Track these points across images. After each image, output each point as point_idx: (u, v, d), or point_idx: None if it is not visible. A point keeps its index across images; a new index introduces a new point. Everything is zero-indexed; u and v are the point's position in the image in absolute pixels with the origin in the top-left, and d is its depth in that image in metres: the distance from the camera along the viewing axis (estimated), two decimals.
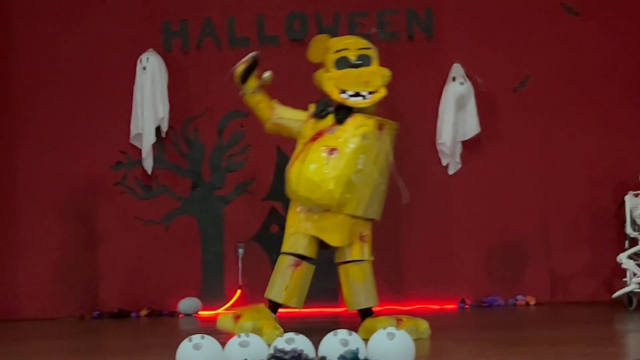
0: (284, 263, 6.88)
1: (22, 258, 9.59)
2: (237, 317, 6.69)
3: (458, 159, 9.43)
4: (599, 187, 9.41)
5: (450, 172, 9.45)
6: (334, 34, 9.42)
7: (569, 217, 9.44)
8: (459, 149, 9.43)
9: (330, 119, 6.87)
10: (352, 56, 7.02)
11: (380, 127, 6.85)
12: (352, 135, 6.73)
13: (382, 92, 6.94)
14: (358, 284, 6.88)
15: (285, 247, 6.93)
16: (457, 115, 9.32)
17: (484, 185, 9.50)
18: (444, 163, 9.44)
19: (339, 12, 9.65)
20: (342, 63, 6.99)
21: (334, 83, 6.90)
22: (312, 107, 7.02)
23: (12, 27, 9.74)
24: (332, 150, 6.68)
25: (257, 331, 6.38)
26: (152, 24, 9.70)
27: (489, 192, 9.49)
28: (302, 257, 6.87)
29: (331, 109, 6.89)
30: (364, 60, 7.04)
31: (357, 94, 6.87)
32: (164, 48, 9.67)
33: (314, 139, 6.80)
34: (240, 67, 7.16)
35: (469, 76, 9.39)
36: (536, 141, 9.49)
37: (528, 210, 9.46)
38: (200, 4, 9.73)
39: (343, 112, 6.84)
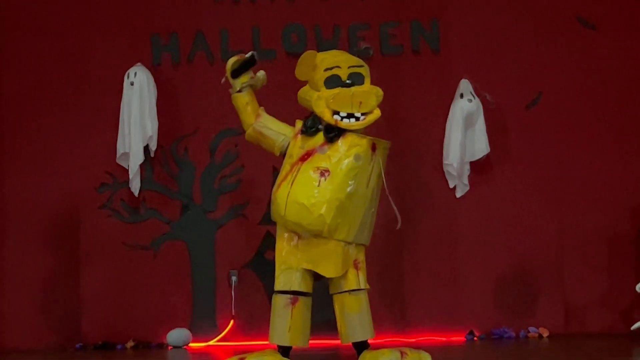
0: (280, 303, 6.69)
1: (2, 285, 9.40)
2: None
3: (466, 181, 9.22)
4: (617, 211, 9.23)
5: (458, 195, 9.25)
6: (333, 48, 9.29)
7: (584, 243, 9.24)
8: (466, 170, 9.22)
9: (320, 137, 6.67)
10: (343, 75, 6.76)
11: (373, 147, 6.65)
12: (344, 156, 6.55)
13: (376, 113, 6.71)
14: (353, 316, 6.71)
15: (279, 286, 6.72)
16: (465, 135, 9.12)
17: (494, 209, 9.31)
18: (451, 185, 9.24)
19: (339, 25, 9.45)
20: (333, 82, 6.73)
21: (325, 103, 6.66)
22: (299, 124, 6.84)
23: None
24: (323, 172, 6.51)
25: None
26: (141, 37, 9.52)
27: (499, 216, 9.30)
28: (297, 293, 6.66)
29: (321, 126, 6.68)
30: (356, 79, 6.78)
31: (349, 115, 6.66)
32: (153, 62, 9.49)
33: (303, 159, 6.60)
34: (234, 58, 6.95)
35: (478, 93, 9.19)
36: (549, 162, 9.30)
37: (540, 236, 9.26)
38: (192, 15, 9.56)
39: (334, 131, 6.63)
